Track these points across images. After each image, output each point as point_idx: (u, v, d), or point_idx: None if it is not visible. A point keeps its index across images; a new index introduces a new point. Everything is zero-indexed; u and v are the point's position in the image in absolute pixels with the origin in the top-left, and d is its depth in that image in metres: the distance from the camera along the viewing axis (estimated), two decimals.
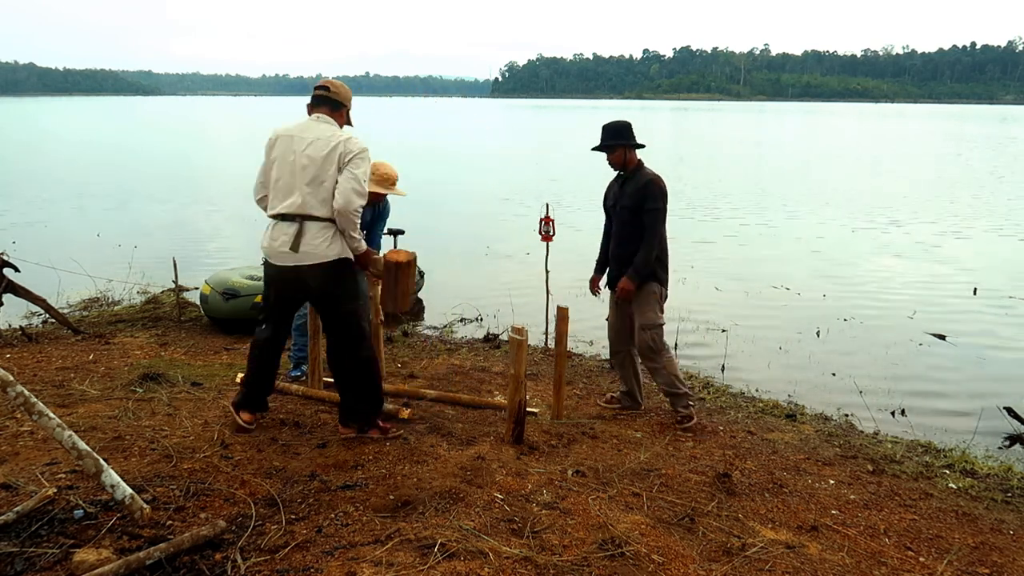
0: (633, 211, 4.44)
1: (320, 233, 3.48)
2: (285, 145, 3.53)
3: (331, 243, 3.49)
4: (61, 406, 4.08)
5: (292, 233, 3.46)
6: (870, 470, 4.08)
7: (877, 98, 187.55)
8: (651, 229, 4.41)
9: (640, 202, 4.41)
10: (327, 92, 3.65)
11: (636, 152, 4.56)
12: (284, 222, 3.51)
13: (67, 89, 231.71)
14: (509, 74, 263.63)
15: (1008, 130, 53.34)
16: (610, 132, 4.54)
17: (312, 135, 3.50)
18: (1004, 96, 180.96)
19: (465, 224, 14.07)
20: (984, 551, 3.13)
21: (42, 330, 6.45)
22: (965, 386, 6.23)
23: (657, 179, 4.45)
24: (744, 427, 4.74)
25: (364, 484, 3.21)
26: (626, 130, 4.54)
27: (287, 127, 3.61)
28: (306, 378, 4.76)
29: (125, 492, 2.68)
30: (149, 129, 47.24)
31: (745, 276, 9.92)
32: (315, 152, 3.45)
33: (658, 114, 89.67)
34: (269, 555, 2.56)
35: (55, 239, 11.59)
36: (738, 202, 16.86)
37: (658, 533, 2.92)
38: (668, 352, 4.60)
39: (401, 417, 4.14)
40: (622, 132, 4.53)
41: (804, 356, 6.85)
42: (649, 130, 52.80)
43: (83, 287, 8.25)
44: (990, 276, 10.04)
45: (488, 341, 6.81)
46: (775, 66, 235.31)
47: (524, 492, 3.19)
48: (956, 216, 15.07)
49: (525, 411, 3.88)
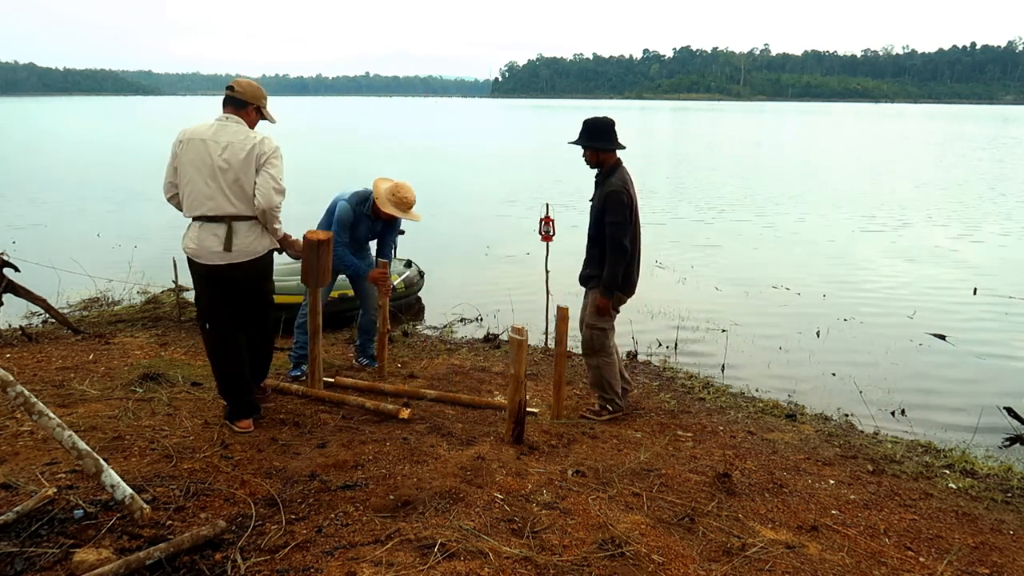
0: (598, 215, 4.42)
1: (250, 232, 3.78)
2: (197, 149, 3.70)
3: (259, 239, 3.83)
4: (61, 406, 4.08)
5: (223, 234, 3.72)
6: (870, 470, 4.08)
7: (877, 98, 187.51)
8: (614, 243, 4.35)
9: (602, 212, 4.38)
10: (231, 92, 3.84)
11: (613, 154, 4.45)
12: (212, 223, 3.73)
13: (67, 89, 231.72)
14: (509, 74, 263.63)
15: (1009, 131, 53.33)
16: (586, 130, 4.44)
17: (226, 139, 3.70)
18: (1004, 96, 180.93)
19: (465, 224, 14.07)
20: (984, 551, 3.13)
21: (42, 330, 6.45)
22: (965, 386, 6.23)
23: (619, 190, 4.33)
24: (744, 427, 4.74)
25: (364, 484, 3.21)
26: (603, 131, 4.40)
27: (196, 129, 3.76)
28: (306, 378, 4.76)
29: (125, 492, 2.68)
30: (149, 129, 47.20)
31: (745, 276, 9.92)
32: (232, 156, 3.67)
33: (658, 114, 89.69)
34: (269, 555, 2.56)
35: (55, 239, 11.59)
36: (738, 202, 16.86)
37: (658, 533, 2.92)
38: (609, 356, 4.58)
39: (401, 417, 4.14)
40: (598, 133, 4.41)
41: (804, 356, 6.85)
42: (649, 130, 52.85)
43: (83, 287, 8.25)
44: (990, 276, 10.04)
45: (488, 341, 6.81)
46: (775, 66, 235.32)
47: (524, 492, 3.20)
48: (956, 216, 15.07)
49: (525, 411, 3.88)
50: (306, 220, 5.28)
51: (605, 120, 4.46)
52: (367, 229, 5.13)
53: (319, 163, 24.10)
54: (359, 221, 5.05)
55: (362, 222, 5.07)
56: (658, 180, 21.22)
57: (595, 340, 4.54)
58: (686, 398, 5.42)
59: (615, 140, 4.43)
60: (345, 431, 3.95)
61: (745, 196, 17.91)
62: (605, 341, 4.56)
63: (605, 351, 4.57)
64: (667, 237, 12.52)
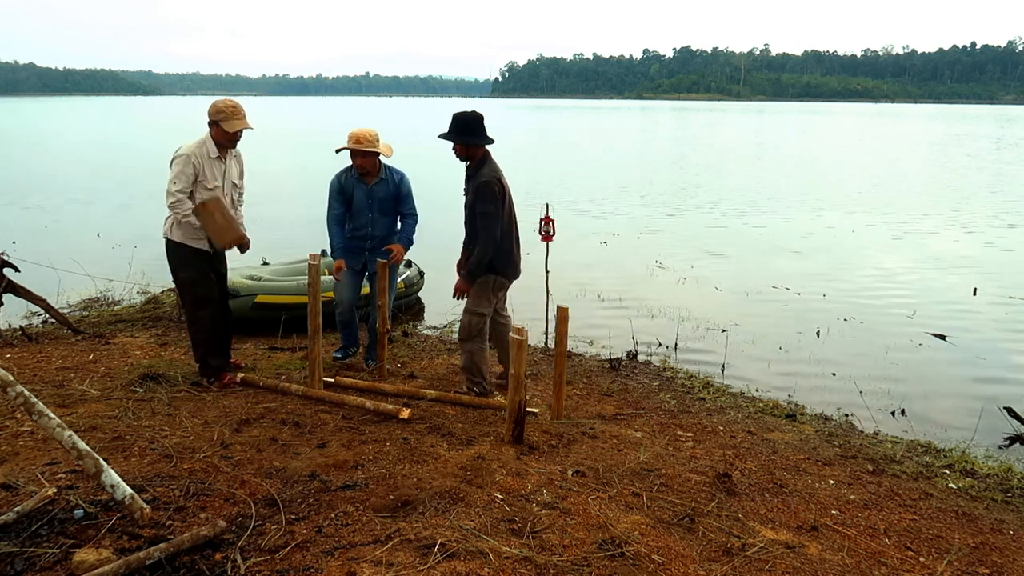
0: (471, 208, 4.54)
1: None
2: None
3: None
4: (61, 406, 4.08)
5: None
6: (870, 470, 4.08)
7: (877, 98, 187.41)
8: (485, 231, 4.47)
9: (474, 203, 4.49)
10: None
11: (481, 148, 4.53)
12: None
13: (67, 89, 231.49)
14: (509, 74, 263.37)
15: (1012, 131, 53.30)
16: (455, 125, 4.50)
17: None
18: (1004, 96, 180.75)
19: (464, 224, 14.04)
20: (984, 551, 3.13)
21: (42, 330, 6.45)
22: (965, 386, 6.24)
23: (491, 181, 4.44)
24: (744, 427, 4.74)
25: (364, 484, 3.21)
26: (469, 125, 4.47)
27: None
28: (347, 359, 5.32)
29: (125, 492, 2.68)
30: (149, 129, 47.22)
31: (745, 276, 9.92)
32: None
33: (658, 114, 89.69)
34: (269, 555, 2.56)
35: (55, 239, 11.59)
36: (738, 202, 16.86)
37: (658, 533, 2.92)
38: (483, 341, 4.72)
39: (402, 417, 4.14)
40: (467, 128, 4.47)
41: (804, 356, 6.85)
42: (649, 130, 52.84)
43: (83, 287, 8.25)
44: (990, 276, 10.04)
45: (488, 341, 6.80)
46: (775, 66, 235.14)
47: (524, 492, 3.20)
48: (957, 216, 15.07)
49: (525, 411, 3.88)
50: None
51: (474, 114, 4.54)
52: (364, 194, 5.11)
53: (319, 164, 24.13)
54: (349, 188, 5.09)
55: (355, 188, 5.09)
56: (658, 180, 21.22)
57: (473, 326, 4.66)
58: (686, 398, 5.42)
59: (484, 135, 4.52)
60: (345, 431, 3.95)
61: (745, 196, 17.91)
62: (483, 327, 4.69)
63: (481, 337, 4.70)
64: (667, 237, 12.52)
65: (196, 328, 4.73)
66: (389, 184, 5.16)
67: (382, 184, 5.14)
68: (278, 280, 7.02)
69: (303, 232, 11.89)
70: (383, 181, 5.14)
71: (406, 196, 5.23)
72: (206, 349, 4.74)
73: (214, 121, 4.49)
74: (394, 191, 5.19)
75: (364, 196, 5.11)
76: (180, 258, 4.61)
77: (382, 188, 5.14)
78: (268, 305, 6.64)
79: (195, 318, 4.70)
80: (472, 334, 4.66)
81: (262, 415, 4.12)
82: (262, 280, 6.95)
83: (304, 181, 19.87)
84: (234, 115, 4.48)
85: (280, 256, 8.30)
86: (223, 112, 4.47)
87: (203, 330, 4.70)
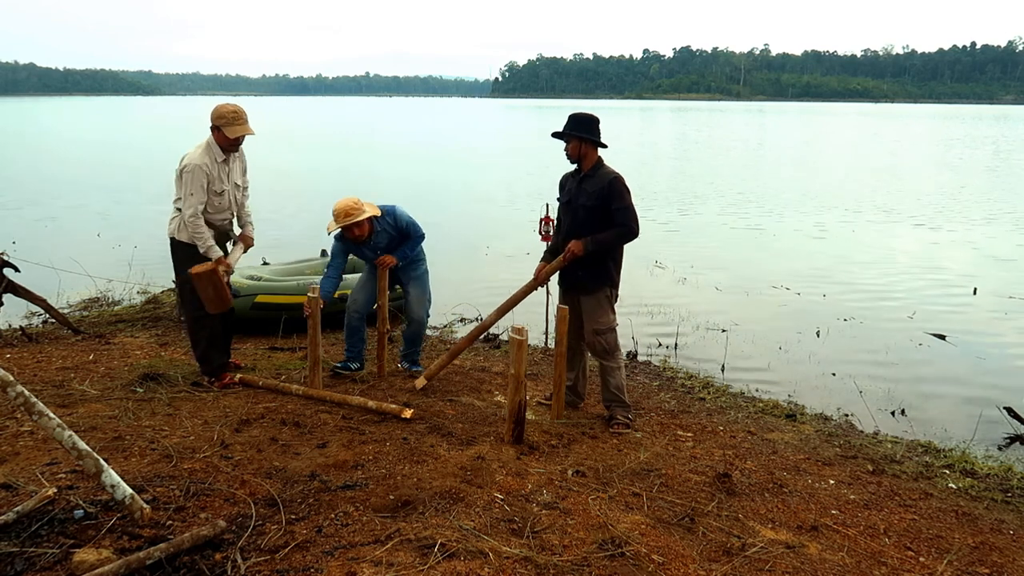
0: (592, 210, 4.30)
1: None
2: None
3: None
4: (61, 406, 4.08)
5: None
6: (870, 470, 4.08)
7: (877, 98, 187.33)
8: (626, 226, 4.29)
9: (606, 201, 4.27)
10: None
11: (597, 150, 4.40)
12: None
13: (67, 89, 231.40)
14: (509, 74, 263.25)
15: (1014, 131, 53.27)
16: (573, 121, 4.38)
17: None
18: (1004, 96, 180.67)
19: (465, 224, 14.07)
20: (984, 551, 3.13)
21: (42, 330, 6.45)
22: (965, 386, 6.23)
23: (620, 177, 4.32)
24: (744, 427, 4.74)
25: (364, 484, 3.21)
26: (590, 124, 4.36)
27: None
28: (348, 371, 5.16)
29: (125, 492, 2.68)
30: (149, 129, 47.23)
31: (745, 276, 9.92)
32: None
33: (658, 114, 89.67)
34: (269, 555, 2.56)
35: (55, 239, 11.59)
36: (738, 202, 16.86)
37: (658, 533, 2.92)
38: (621, 356, 4.56)
39: (404, 417, 4.14)
40: (585, 124, 4.35)
41: (804, 356, 6.85)
42: (650, 130, 52.83)
43: (83, 287, 8.25)
44: (990, 276, 10.05)
45: (488, 341, 6.81)
46: (775, 66, 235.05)
47: (524, 492, 3.20)
48: (957, 216, 15.07)
49: (525, 411, 3.88)
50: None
51: (592, 116, 4.42)
52: (370, 250, 5.09)
53: (319, 164, 24.15)
54: (354, 249, 5.10)
55: (360, 249, 5.10)
56: (658, 180, 21.21)
57: (609, 342, 4.45)
58: (686, 398, 5.42)
59: (599, 135, 4.39)
60: (345, 431, 3.94)
61: (745, 196, 17.91)
62: (617, 340, 4.49)
63: (620, 352, 4.53)
64: (667, 237, 12.53)
65: (200, 327, 4.73)
66: (388, 229, 5.10)
67: (382, 234, 5.08)
68: (278, 280, 7.03)
69: (303, 232, 11.89)
70: (381, 231, 5.07)
71: (406, 228, 5.13)
72: (209, 347, 4.75)
73: (216, 126, 4.47)
74: (395, 232, 5.13)
75: (371, 251, 5.12)
76: (186, 258, 4.61)
77: (383, 237, 5.08)
78: (268, 305, 6.64)
79: (199, 316, 4.70)
80: (610, 351, 4.45)
81: (262, 415, 4.12)
82: (262, 280, 6.95)
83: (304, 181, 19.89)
84: (236, 121, 4.45)
85: (280, 256, 8.31)
86: (225, 117, 4.45)
87: (207, 327, 4.71)
